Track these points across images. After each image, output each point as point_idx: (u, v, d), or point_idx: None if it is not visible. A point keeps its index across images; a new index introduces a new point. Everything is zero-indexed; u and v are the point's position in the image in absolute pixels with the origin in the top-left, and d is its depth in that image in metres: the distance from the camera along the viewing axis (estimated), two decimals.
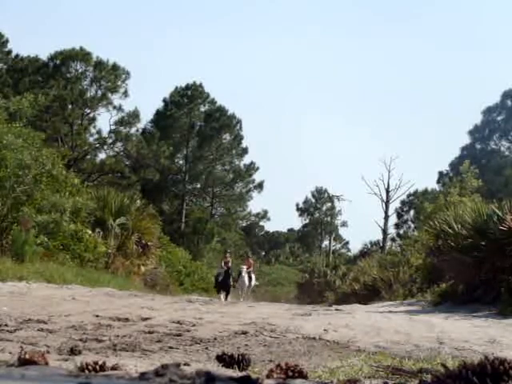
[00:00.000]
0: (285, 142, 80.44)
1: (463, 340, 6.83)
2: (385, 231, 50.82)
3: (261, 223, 61.51)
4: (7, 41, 48.77)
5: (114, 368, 3.01)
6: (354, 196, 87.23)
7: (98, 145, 49.65)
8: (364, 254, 44.74)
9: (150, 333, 5.87)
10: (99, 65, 48.11)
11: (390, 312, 12.69)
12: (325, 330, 7.12)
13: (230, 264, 22.77)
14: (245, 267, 23.41)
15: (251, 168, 54.71)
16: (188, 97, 53.30)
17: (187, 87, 53.46)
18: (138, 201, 25.57)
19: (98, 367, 2.89)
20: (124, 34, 78.31)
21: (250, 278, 23.43)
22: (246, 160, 54.78)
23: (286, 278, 51.95)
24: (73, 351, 4.05)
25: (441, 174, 56.22)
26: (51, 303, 9.26)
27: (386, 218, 50.68)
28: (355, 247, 65.05)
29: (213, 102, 53.95)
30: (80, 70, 48.40)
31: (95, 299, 10.83)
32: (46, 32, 74.97)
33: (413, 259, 23.25)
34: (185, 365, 3.62)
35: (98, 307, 8.83)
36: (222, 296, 21.81)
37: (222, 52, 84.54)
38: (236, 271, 23.37)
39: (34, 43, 77.16)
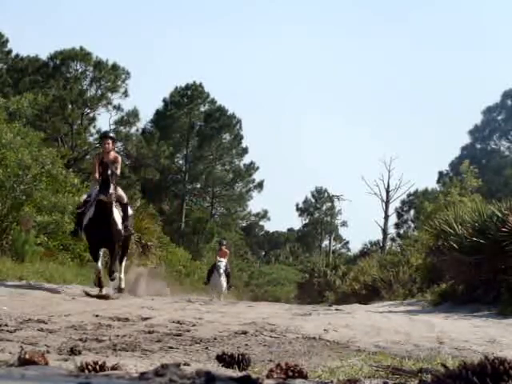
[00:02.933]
0: (285, 142, 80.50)
1: (463, 340, 6.82)
2: (385, 231, 50.85)
3: (261, 223, 61.56)
4: (7, 41, 48.86)
5: (114, 368, 3.01)
6: (354, 196, 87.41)
7: (98, 145, 49.65)
8: (364, 253, 44.76)
9: (149, 333, 5.87)
10: (99, 65, 48.12)
11: (390, 312, 12.69)
12: (325, 330, 7.12)
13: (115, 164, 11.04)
14: (223, 260, 18.24)
15: (251, 168, 54.73)
16: (188, 97, 53.32)
17: (187, 87, 53.48)
18: (138, 201, 25.59)
19: (97, 367, 2.89)
20: (124, 33, 78.37)
21: (227, 276, 18.31)
22: (246, 160, 54.88)
23: (285, 278, 51.95)
24: (73, 351, 4.05)
25: (441, 174, 56.24)
26: (51, 303, 9.25)
27: (386, 217, 50.73)
28: (355, 247, 65.21)
29: (213, 101, 53.98)
30: (80, 70, 48.44)
31: (95, 299, 10.83)
32: (46, 32, 75.01)
33: (413, 259, 23.24)
34: (185, 365, 3.62)
35: (98, 307, 8.83)
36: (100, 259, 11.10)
37: (222, 52, 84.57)
38: (209, 264, 18.12)
39: (34, 43, 77.25)
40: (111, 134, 12.80)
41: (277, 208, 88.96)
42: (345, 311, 11.93)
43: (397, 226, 55.43)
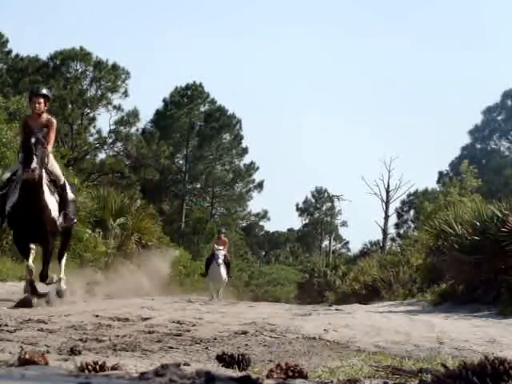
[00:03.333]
0: (285, 142, 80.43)
1: (463, 340, 6.82)
2: (385, 231, 50.88)
3: (261, 223, 61.54)
4: (7, 41, 48.89)
5: (114, 368, 3.01)
6: (354, 196, 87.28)
7: (98, 145, 49.70)
8: (364, 253, 44.76)
9: (150, 333, 5.87)
10: (99, 65, 48.15)
11: (390, 312, 12.69)
12: (325, 330, 7.12)
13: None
14: (222, 249, 17.18)
15: (251, 168, 54.74)
16: (188, 97, 53.33)
17: (187, 87, 53.49)
18: (138, 201, 25.56)
19: (98, 367, 2.90)
20: (124, 34, 78.30)
21: (227, 266, 17.30)
22: (246, 160, 54.90)
23: (285, 278, 51.94)
24: (73, 351, 4.05)
25: (441, 174, 56.23)
26: None
27: (386, 218, 50.77)
28: (355, 247, 65.10)
29: (213, 101, 54.00)
30: (80, 70, 48.48)
31: (95, 299, 10.83)
32: (46, 32, 74.98)
33: (413, 259, 23.24)
34: (185, 365, 3.61)
35: (98, 307, 8.83)
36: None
37: (222, 52, 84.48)
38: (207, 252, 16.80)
39: (34, 43, 77.31)
40: (44, 91, 9.57)
41: (277, 208, 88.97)
42: (345, 311, 11.93)
43: (397, 226, 55.48)
